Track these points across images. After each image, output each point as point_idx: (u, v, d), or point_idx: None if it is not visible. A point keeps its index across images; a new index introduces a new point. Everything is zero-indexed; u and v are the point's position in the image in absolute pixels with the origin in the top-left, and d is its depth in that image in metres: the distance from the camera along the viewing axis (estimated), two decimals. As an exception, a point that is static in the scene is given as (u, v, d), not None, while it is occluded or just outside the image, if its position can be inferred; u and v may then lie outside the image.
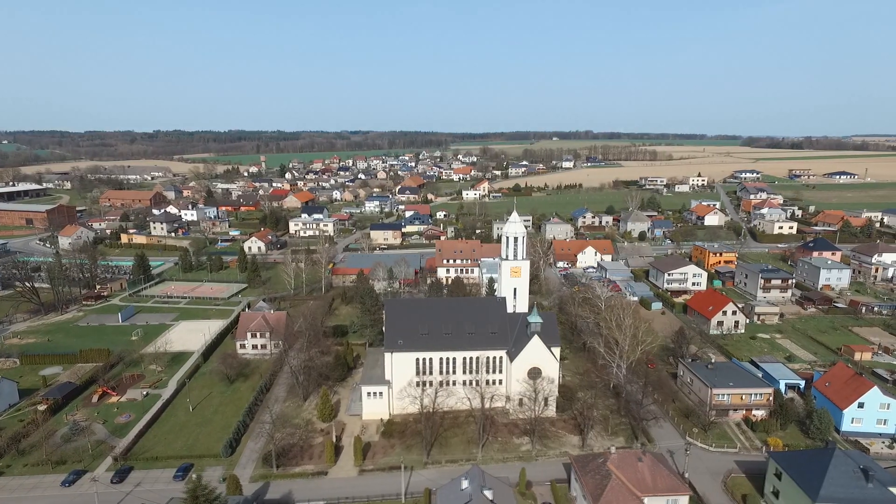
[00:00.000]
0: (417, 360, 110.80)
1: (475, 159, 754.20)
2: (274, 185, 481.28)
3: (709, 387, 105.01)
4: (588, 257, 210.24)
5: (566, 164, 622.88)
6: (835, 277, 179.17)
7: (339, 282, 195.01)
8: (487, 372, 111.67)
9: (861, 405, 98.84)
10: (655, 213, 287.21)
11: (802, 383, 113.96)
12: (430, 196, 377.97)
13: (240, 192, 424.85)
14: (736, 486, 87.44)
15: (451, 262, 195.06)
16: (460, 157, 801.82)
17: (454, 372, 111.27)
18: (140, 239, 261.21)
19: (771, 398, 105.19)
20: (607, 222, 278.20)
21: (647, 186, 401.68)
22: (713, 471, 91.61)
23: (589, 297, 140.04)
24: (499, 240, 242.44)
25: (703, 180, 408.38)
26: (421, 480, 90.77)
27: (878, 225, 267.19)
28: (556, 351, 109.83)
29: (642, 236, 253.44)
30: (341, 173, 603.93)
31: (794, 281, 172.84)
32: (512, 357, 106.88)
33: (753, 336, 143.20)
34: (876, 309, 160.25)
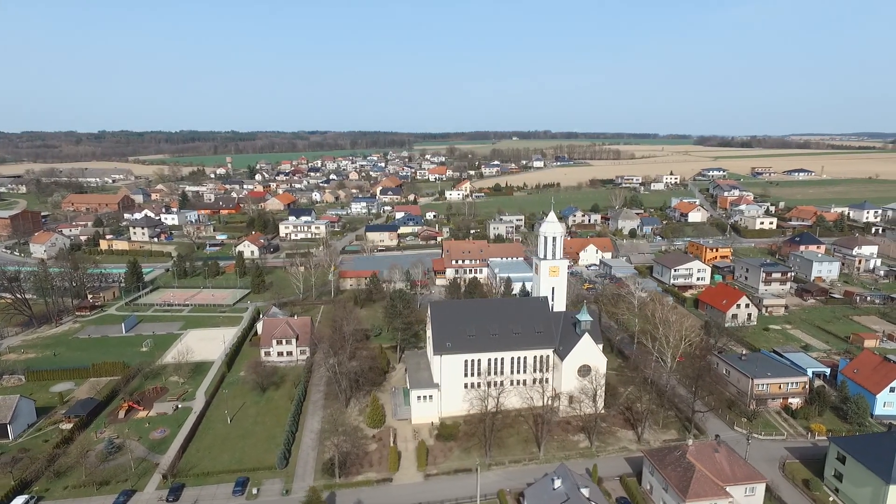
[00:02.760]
0: (466, 361, 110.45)
1: (444, 159, 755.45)
2: (245, 186, 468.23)
3: (749, 377, 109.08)
4: (590, 255, 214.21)
5: (537, 164, 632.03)
6: (826, 270, 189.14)
7: (346, 285, 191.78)
8: (535, 371, 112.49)
9: (893, 390, 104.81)
10: (642, 211, 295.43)
11: (828, 371, 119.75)
12: (413, 197, 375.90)
13: (212, 195, 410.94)
14: (794, 472, 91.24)
15: (460, 262, 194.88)
16: (428, 156, 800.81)
17: (502, 372, 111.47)
18: (121, 245, 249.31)
19: (806, 386, 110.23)
20: (596, 220, 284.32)
21: (624, 185, 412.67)
22: (767, 458, 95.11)
23: (622, 295, 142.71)
24: (497, 239, 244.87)
25: (676, 178, 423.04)
26: (488, 482, 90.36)
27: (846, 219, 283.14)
28: (600, 348, 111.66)
29: (633, 234, 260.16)
30: (312, 174, 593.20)
31: (793, 274, 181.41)
32: (562, 355, 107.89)
33: (766, 328, 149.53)
34: (869, 299, 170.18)
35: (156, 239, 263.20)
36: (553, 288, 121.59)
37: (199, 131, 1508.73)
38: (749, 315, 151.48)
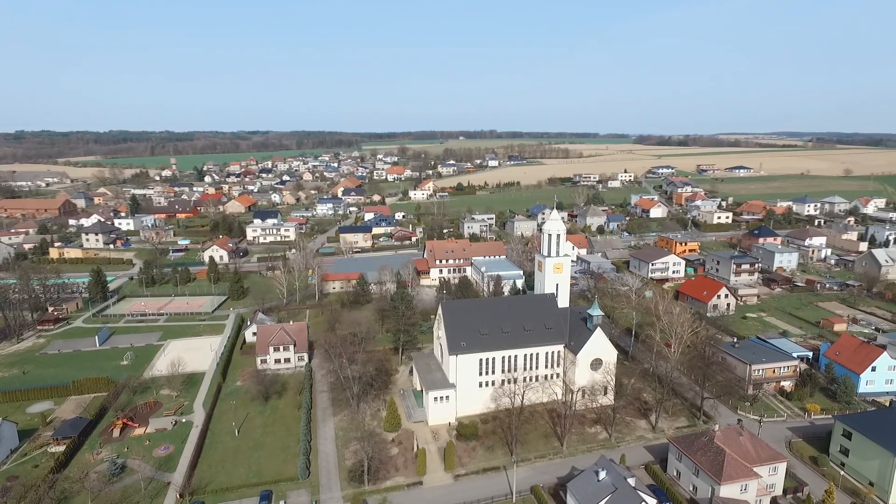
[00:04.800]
0: (481, 360, 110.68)
1: (396, 159, 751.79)
2: (196, 189, 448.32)
3: (747, 363, 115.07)
4: (567, 251, 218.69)
5: (492, 163, 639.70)
6: (785, 260, 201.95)
7: (329, 288, 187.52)
8: (547, 367, 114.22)
9: (874, 369, 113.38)
10: (607, 208, 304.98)
11: (811, 354, 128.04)
12: (378, 197, 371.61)
13: (162, 198, 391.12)
14: (800, 450, 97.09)
15: (444, 262, 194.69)
16: (380, 156, 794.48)
17: (515, 369, 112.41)
18: (74, 253, 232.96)
19: (797, 369, 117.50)
20: (564, 218, 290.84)
21: (582, 183, 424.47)
22: (774, 439, 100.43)
23: (620, 290, 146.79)
24: (472, 238, 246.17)
25: (631, 176, 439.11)
26: (518, 479, 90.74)
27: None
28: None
29: (601, 230, 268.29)
30: (264, 175, 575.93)
31: (759, 265, 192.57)
32: (575, 350, 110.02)
33: (744, 316, 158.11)
34: (827, 286, 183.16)
35: (112, 246, 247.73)
36: (557, 284, 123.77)
37: (131, 131, 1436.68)
38: (728, 305, 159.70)
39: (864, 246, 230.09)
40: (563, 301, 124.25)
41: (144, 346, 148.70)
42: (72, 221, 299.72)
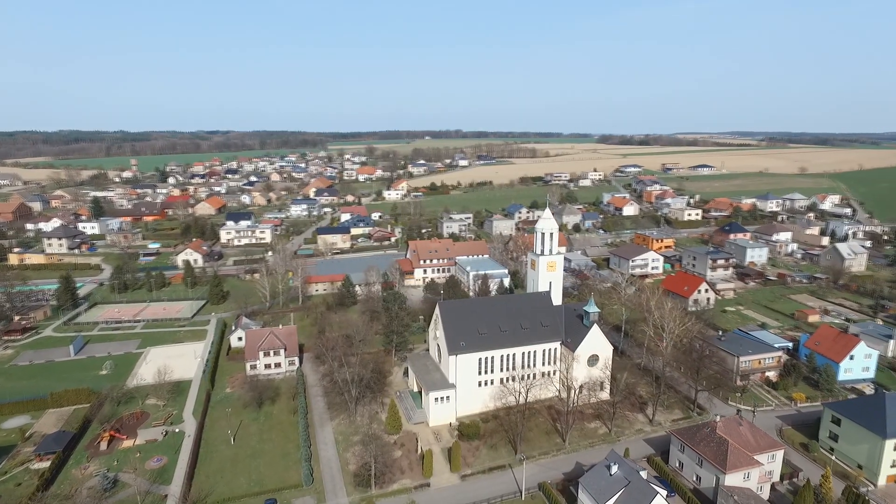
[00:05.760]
0: (480, 359, 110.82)
1: (365, 159, 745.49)
2: (160, 191, 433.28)
3: (735, 356, 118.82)
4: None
5: (462, 163, 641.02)
6: (757, 255, 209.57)
7: (312, 290, 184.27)
8: (544, 364, 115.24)
9: (852, 357, 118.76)
10: (582, 207, 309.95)
11: (791, 345, 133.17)
12: (351, 197, 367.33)
13: (125, 200, 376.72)
14: (791, 437, 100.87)
15: (428, 262, 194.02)
16: (348, 156, 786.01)
17: (513, 367, 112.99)
18: (36, 258, 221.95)
19: (780, 360, 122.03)
20: (539, 216, 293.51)
21: (554, 182, 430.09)
22: (764, 427, 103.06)
23: (612, 287, 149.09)
24: (452, 237, 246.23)
25: (601, 175, 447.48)
26: (525, 476, 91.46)
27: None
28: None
29: (577, 228, 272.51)
30: (230, 176, 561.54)
31: (734, 260, 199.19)
32: (573, 347, 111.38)
33: (723, 310, 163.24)
34: (797, 279, 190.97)
35: (77, 250, 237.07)
36: (550, 282, 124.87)
37: (83, 131, 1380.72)
38: (708, 299, 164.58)
39: (825, 240, 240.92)
40: (557, 298, 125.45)
41: (123, 354, 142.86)
42: (29, 225, 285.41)
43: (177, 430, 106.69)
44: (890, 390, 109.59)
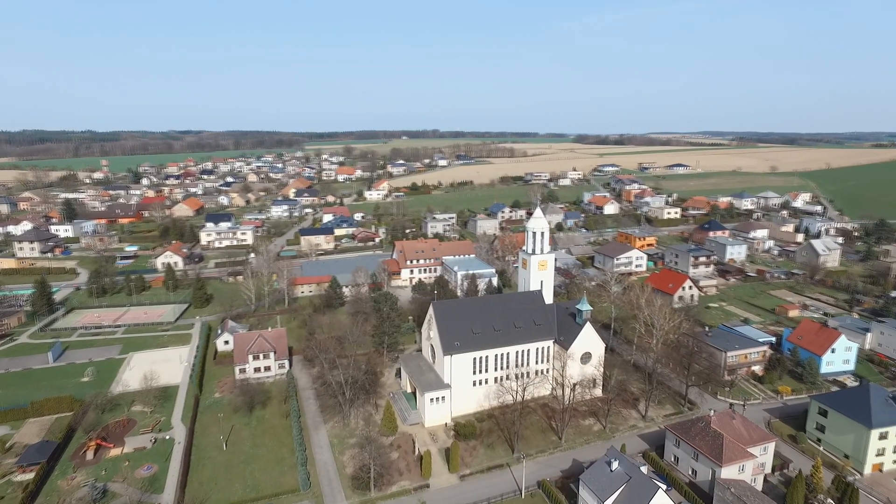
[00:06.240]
0: (474, 359, 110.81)
1: (342, 159, 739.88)
2: (133, 192, 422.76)
3: (723, 351, 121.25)
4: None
5: (441, 163, 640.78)
6: (736, 252, 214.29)
7: (298, 292, 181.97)
8: (538, 362, 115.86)
9: (833, 350, 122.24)
10: (563, 206, 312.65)
11: (774, 339, 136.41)
12: (331, 198, 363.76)
13: (98, 202, 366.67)
14: (779, 429, 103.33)
15: (415, 262, 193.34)
16: (326, 156, 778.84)
17: (508, 367, 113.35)
18: (7, 262, 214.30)
19: (766, 354, 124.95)
20: (522, 216, 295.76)
21: (534, 182, 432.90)
22: (754, 420, 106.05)
23: (602, 285, 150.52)
24: (437, 237, 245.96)
25: (580, 174, 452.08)
26: (524, 475, 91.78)
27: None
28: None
29: (559, 227, 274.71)
30: (205, 177, 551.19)
31: (715, 257, 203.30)
32: (566, 345, 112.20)
33: (707, 306, 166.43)
34: (776, 275, 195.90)
35: (50, 254, 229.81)
36: (542, 281, 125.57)
37: (49, 131, 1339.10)
38: (692, 296, 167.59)
39: (800, 237, 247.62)
40: (549, 297, 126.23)
41: (105, 360, 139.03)
42: (12, 228, 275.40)
43: (167, 438, 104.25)
44: (870, 381, 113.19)
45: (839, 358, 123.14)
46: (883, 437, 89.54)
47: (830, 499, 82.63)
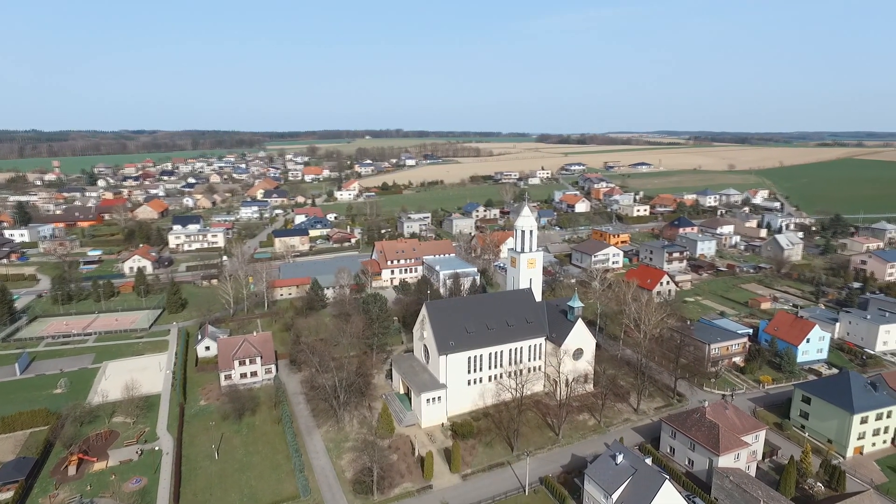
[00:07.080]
0: (469, 358, 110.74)
1: (307, 159, 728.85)
2: (90, 194, 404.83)
3: (706, 343, 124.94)
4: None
5: (409, 162, 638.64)
6: (706, 247, 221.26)
7: (277, 295, 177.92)
8: (531, 359, 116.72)
9: (808, 340, 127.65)
10: (536, 204, 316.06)
11: (751, 331, 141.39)
12: (300, 198, 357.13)
13: (52, 205, 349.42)
14: (764, 417, 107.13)
15: (396, 262, 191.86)
16: (290, 156, 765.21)
17: (501, 365, 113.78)
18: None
19: (745, 346, 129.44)
20: (496, 215, 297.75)
21: (504, 181, 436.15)
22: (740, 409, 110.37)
23: (586, 281, 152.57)
24: (413, 237, 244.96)
25: (548, 173, 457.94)
26: (525, 472, 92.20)
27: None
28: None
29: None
30: (165, 178, 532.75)
31: (688, 253, 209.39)
32: (559, 342, 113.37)
33: (684, 300, 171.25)
34: (745, 269, 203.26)
35: (5, 260, 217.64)
36: (531, 279, 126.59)
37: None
38: (669, 291, 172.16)
39: (763, 232, 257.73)
40: (537, 294, 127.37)
41: (78, 370, 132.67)
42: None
43: (155, 448, 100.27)
44: (843, 369, 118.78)
45: (814, 347, 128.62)
46: (864, 421, 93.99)
47: (819, 482, 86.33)
